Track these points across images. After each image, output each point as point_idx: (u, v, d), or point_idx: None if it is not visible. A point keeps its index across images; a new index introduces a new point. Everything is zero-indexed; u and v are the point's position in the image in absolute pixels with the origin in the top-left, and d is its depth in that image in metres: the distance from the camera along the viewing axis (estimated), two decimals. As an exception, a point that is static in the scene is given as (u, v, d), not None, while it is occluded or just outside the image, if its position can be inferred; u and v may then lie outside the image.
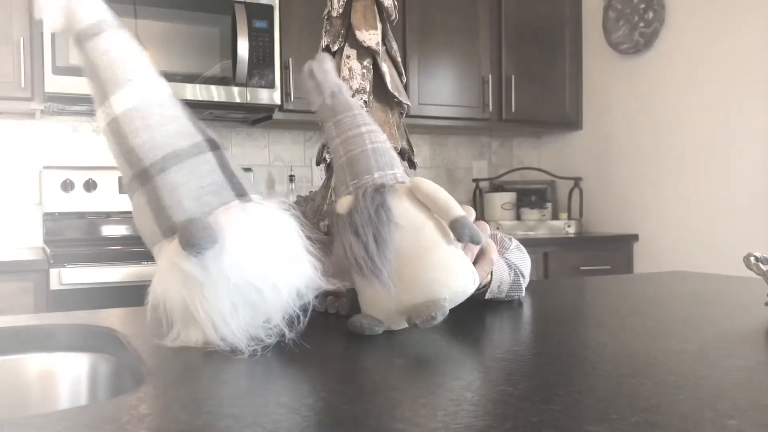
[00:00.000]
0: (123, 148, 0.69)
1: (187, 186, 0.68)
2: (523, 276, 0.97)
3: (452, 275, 0.73)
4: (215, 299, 0.64)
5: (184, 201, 0.67)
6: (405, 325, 0.74)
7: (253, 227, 0.67)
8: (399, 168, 0.79)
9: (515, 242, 0.99)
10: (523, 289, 0.97)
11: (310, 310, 0.69)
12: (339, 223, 0.75)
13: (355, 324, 0.74)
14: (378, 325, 0.74)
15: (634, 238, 3.22)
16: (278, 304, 0.67)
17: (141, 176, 0.69)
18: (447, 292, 0.72)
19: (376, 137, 0.79)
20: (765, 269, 0.81)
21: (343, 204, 0.75)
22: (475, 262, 0.83)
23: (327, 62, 0.81)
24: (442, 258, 0.73)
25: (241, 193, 0.70)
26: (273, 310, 0.67)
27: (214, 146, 0.72)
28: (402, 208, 0.74)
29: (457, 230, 0.72)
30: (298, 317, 0.68)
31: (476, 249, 0.84)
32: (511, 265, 0.95)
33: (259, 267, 0.65)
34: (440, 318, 0.69)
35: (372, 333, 0.73)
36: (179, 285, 0.65)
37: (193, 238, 0.62)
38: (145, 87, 0.71)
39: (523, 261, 0.97)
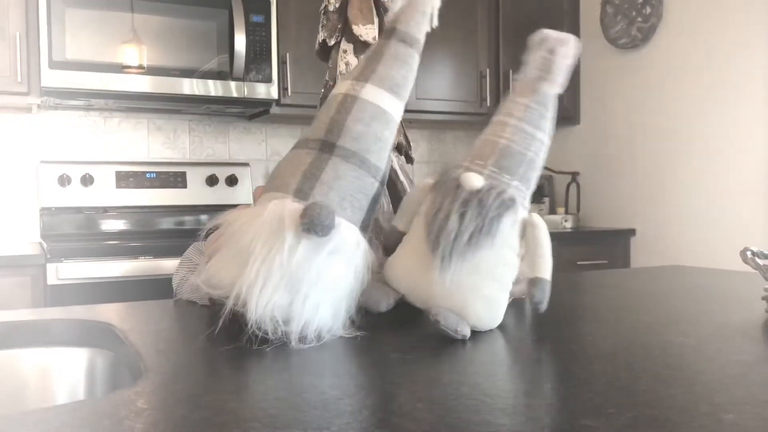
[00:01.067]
0: (336, 119, 0.75)
1: (345, 183, 0.73)
2: None
3: (491, 315, 0.73)
4: (275, 268, 0.66)
5: (332, 191, 0.72)
6: (418, 304, 0.75)
7: (350, 256, 0.70)
8: (531, 191, 0.78)
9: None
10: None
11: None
12: (453, 191, 0.73)
13: (371, 305, 0.74)
14: (395, 297, 0.74)
15: (632, 232, 3.22)
16: (304, 320, 0.67)
17: (325, 145, 0.74)
18: (475, 322, 0.72)
19: (541, 152, 0.79)
20: (762, 264, 0.81)
21: (472, 181, 0.73)
22: None
23: (572, 51, 0.79)
24: (496, 296, 0.73)
25: (365, 227, 0.76)
26: (297, 320, 0.67)
27: (383, 183, 0.78)
28: (507, 232, 0.73)
29: (536, 290, 0.72)
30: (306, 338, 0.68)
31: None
32: None
33: (323, 284, 0.68)
34: (459, 337, 0.70)
35: (387, 309, 0.74)
36: (266, 233, 0.67)
37: (317, 217, 0.66)
38: (395, 106, 0.78)
39: None
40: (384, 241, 0.82)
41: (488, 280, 0.72)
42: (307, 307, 0.67)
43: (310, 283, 0.67)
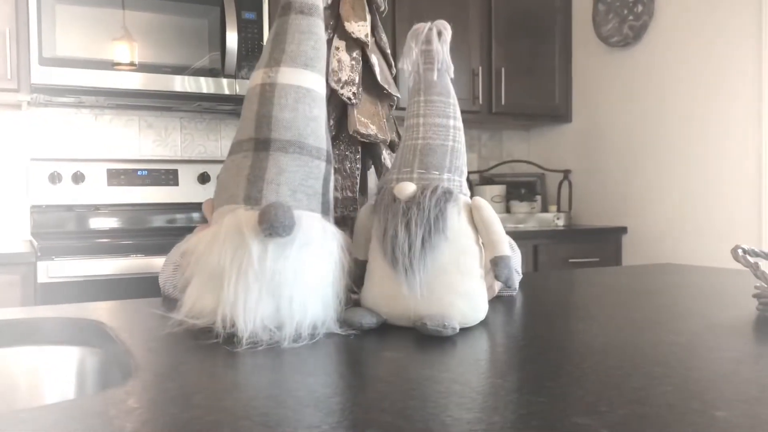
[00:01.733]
0: (260, 112, 0.73)
1: (291, 175, 0.72)
2: (518, 272, 0.98)
3: (472, 308, 0.73)
4: (251, 281, 0.66)
5: (281, 186, 0.71)
6: (401, 323, 0.74)
7: (320, 244, 0.70)
8: (464, 177, 0.78)
9: (508, 239, 0.99)
10: (516, 285, 0.99)
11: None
12: (391, 206, 0.73)
13: (354, 321, 0.73)
14: (377, 318, 0.74)
15: (623, 230, 3.23)
16: (296, 321, 0.67)
17: (259, 142, 0.72)
18: (460, 319, 0.72)
19: (459, 137, 0.78)
20: (753, 261, 0.82)
21: (405, 190, 0.74)
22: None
23: (448, 35, 0.79)
24: (471, 289, 0.73)
25: (326, 210, 0.75)
26: (289, 323, 0.67)
27: (329, 161, 0.76)
28: (457, 223, 0.73)
29: (498, 269, 0.73)
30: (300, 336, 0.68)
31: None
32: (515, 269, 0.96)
33: (303, 281, 0.68)
34: (449, 332, 0.70)
35: (369, 327, 0.73)
36: (230, 250, 0.66)
37: (275, 219, 0.65)
38: (315, 80, 0.75)
39: (516, 258, 0.98)
40: (349, 276, 0.83)
41: (457, 276, 0.72)
42: (295, 307, 0.67)
43: (290, 284, 0.67)
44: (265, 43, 0.78)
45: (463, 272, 0.72)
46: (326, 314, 0.69)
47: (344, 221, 0.92)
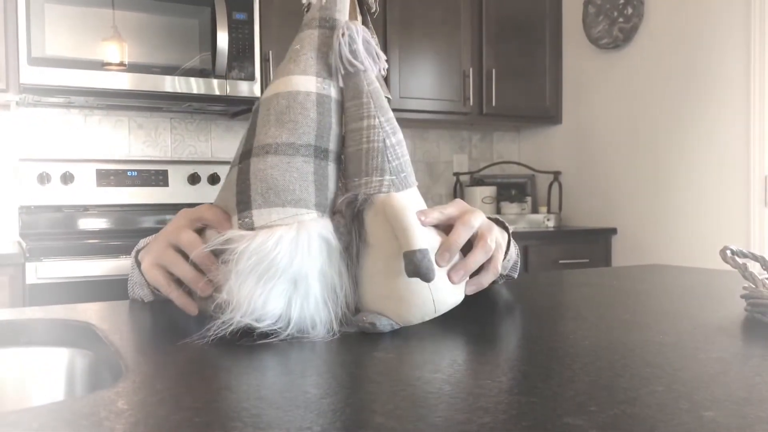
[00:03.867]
0: (321, 121, 0.74)
1: (334, 184, 0.75)
2: (514, 256, 0.97)
3: (403, 305, 0.72)
4: (337, 289, 0.70)
5: (336, 194, 0.75)
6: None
7: (329, 242, 0.71)
8: (394, 172, 0.74)
9: (480, 216, 0.95)
10: (515, 274, 1.00)
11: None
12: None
13: (365, 324, 0.72)
14: (391, 323, 0.73)
15: (613, 231, 3.25)
16: (295, 318, 0.68)
17: (320, 151, 0.73)
18: (396, 319, 0.72)
19: (375, 135, 0.74)
20: (741, 262, 0.82)
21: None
22: (480, 268, 0.78)
23: (353, 33, 0.76)
24: (397, 287, 0.71)
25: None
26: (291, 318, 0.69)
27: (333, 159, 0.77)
28: (371, 226, 0.73)
29: (405, 265, 0.69)
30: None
31: (484, 253, 0.76)
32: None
33: (342, 281, 0.71)
34: (379, 329, 0.71)
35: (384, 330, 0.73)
36: (315, 258, 0.68)
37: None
38: (323, 85, 0.76)
39: (503, 240, 0.94)
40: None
41: (382, 280, 0.72)
42: (297, 306, 0.69)
43: (342, 284, 0.71)
44: (298, 48, 0.77)
45: (386, 275, 0.72)
46: (322, 317, 0.71)
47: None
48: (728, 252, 0.83)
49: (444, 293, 0.73)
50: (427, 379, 0.54)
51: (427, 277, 0.69)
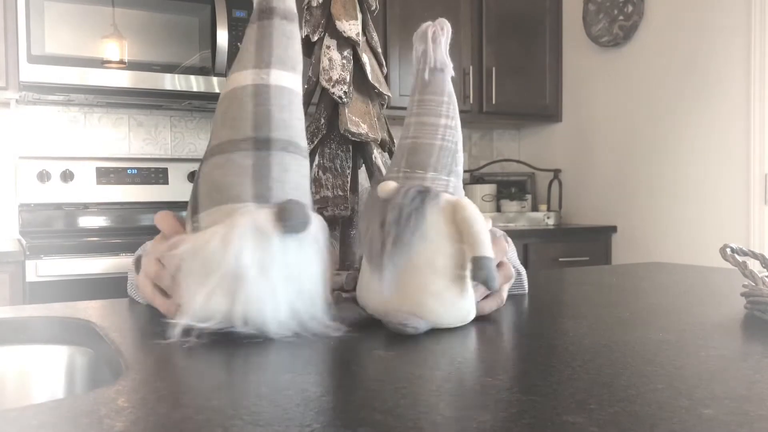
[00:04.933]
0: (258, 111, 0.73)
1: (292, 174, 0.73)
2: (520, 273, 0.96)
3: (441, 310, 0.72)
4: (275, 278, 0.66)
5: (285, 185, 0.72)
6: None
7: (323, 240, 0.71)
8: (456, 176, 0.77)
9: (500, 233, 0.97)
10: (526, 285, 0.98)
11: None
12: (375, 203, 0.74)
13: (396, 325, 0.72)
14: (420, 324, 0.72)
15: (613, 229, 3.25)
16: (309, 315, 0.69)
17: (260, 142, 0.72)
18: (433, 319, 0.72)
19: (450, 135, 0.77)
20: (741, 260, 0.82)
21: (386, 189, 0.73)
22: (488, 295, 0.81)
23: (445, 33, 0.78)
24: (442, 289, 0.72)
25: (313, 208, 0.75)
26: (306, 317, 0.69)
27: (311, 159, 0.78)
28: (434, 221, 0.72)
29: (475, 269, 0.71)
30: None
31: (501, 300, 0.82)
32: (514, 266, 0.94)
33: (315, 274, 0.70)
34: (410, 332, 0.70)
35: (415, 332, 0.73)
36: (249, 247, 0.66)
37: (294, 217, 0.67)
38: (300, 83, 0.77)
39: (512, 254, 0.96)
40: (347, 284, 0.85)
41: (431, 276, 0.72)
42: (307, 301, 0.69)
43: (306, 278, 0.69)
44: (242, 46, 0.78)
45: (438, 272, 0.72)
46: (324, 308, 0.71)
47: (335, 220, 0.92)
48: (728, 250, 0.83)
49: (474, 306, 0.76)
50: (427, 377, 0.54)
51: (492, 285, 0.71)
